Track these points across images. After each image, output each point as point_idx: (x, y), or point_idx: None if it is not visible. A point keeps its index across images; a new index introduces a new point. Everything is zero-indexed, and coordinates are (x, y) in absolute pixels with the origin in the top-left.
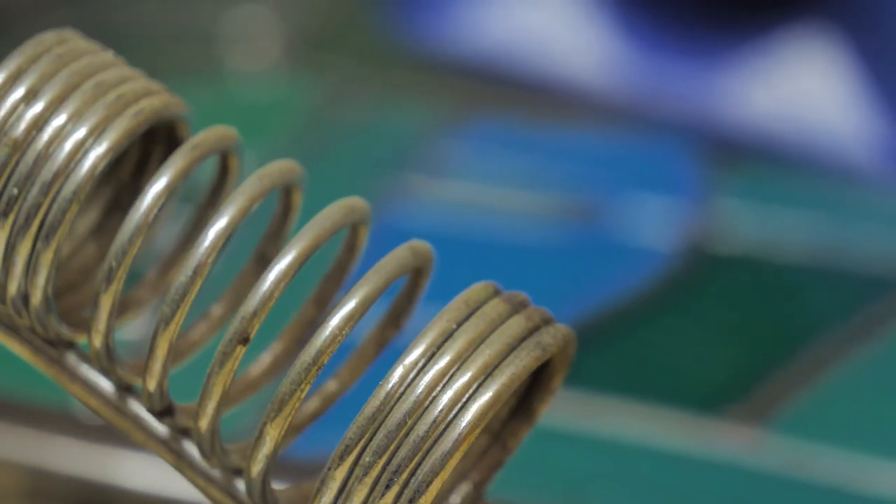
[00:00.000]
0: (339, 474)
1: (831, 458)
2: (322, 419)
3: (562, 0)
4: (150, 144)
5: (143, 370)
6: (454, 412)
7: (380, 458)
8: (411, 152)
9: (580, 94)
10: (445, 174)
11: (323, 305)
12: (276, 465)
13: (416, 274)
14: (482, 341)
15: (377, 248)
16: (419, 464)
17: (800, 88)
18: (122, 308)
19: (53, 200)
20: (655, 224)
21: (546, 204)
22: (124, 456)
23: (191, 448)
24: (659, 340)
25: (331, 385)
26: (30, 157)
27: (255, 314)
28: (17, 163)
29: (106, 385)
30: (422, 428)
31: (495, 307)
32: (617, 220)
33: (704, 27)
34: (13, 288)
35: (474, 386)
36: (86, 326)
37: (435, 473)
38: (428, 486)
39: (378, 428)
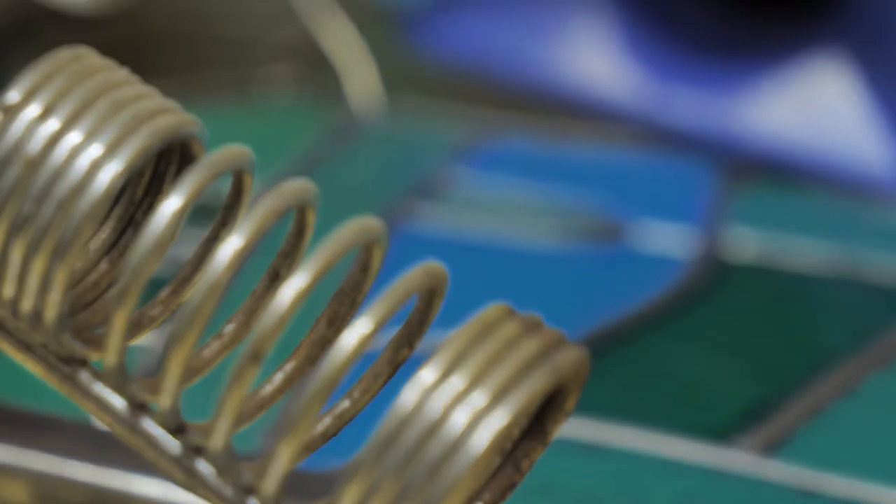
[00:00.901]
0: (352, 494)
1: (847, 487)
2: (335, 438)
3: (579, 22)
4: (164, 162)
5: (157, 388)
6: (468, 434)
7: (393, 478)
8: (427, 172)
9: (597, 115)
10: (461, 193)
11: (336, 325)
12: (289, 482)
13: (430, 294)
14: (496, 362)
15: (391, 267)
16: (433, 485)
17: (817, 109)
18: (136, 326)
19: (68, 218)
20: (670, 243)
21: (561, 223)
22: (137, 466)
23: (203, 466)
24: (672, 356)
25: (344, 404)
26: (44, 174)
27: (269, 333)
28: (32, 180)
29: (119, 402)
30: (435, 449)
31: (509, 328)
32: (632, 240)
33: (722, 49)
34: (27, 305)
35: (489, 407)
36: (99, 344)
37: (448, 495)
38: None
39: (391, 448)
